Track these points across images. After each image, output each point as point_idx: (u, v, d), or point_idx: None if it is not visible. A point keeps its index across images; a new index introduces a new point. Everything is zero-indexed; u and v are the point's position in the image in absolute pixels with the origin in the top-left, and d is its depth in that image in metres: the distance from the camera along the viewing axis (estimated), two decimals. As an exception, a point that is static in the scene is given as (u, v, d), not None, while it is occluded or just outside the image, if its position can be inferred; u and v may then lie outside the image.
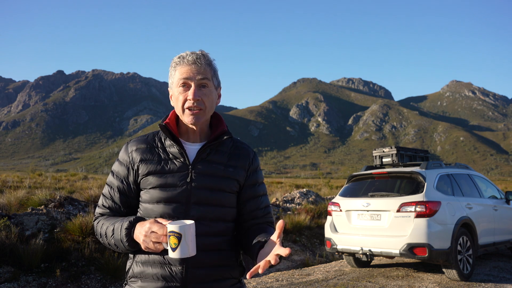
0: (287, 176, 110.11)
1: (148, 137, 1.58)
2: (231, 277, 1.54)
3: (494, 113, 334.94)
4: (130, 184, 1.53)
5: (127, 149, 1.56)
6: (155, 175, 1.49)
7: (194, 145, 1.57)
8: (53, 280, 4.93)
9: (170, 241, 1.29)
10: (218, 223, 1.51)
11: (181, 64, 1.51)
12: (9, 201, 7.33)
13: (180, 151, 1.52)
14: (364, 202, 5.98)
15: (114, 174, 1.56)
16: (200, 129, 1.58)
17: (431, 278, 5.80)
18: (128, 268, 1.53)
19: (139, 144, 1.56)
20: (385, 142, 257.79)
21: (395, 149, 7.03)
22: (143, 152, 1.53)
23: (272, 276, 6.26)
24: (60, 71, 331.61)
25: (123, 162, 1.55)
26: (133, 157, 1.53)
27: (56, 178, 18.86)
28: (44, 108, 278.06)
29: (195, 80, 1.49)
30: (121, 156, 1.57)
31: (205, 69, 1.51)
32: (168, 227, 1.30)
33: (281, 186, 22.44)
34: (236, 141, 1.66)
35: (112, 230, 1.45)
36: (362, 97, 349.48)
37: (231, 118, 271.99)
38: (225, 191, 1.54)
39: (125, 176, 1.53)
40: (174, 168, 1.50)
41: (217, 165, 1.54)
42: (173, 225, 1.29)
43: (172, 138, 1.52)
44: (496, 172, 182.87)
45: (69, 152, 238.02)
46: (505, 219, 7.01)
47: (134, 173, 1.52)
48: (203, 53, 1.54)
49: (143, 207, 1.51)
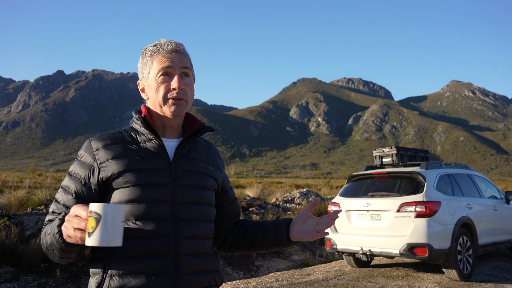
0: (287, 176, 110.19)
1: (115, 134, 1.40)
2: (215, 284, 1.43)
3: (494, 113, 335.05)
4: (91, 186, 1.31)
5: (90, 147, 1.35)
6: (133, 172, 1.30)
7: (171, 141, 1.43)
8: (53, 280, 4.93)
9: (88, 224, 1.06)
10: (205, 224, 1.41)
11: (159, 52, 1.38)
12: (9, 201, 7.34)
13: (160, 146, 1.37)
14: (364, 202, 5.98)
15: (72, 175, 1.35)
16: (178, 124, 1.46)
17: (431, 278, 5.80)
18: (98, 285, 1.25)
19: (106, 141, 1.36)
20: (385, 142, 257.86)
21: (395, 149, 7.03)
22: (114, 149, 1.34)
23: (272, 276, 6.26)
24: (60, 71, 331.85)
25: (85, 162, 1.34)
26: (99, 155, 1.33)
27: (56, 178, 18.87)
28: (44, 108, 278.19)
29: (178, 68, 1.38)
30: (81, 156, 1.36)
31: (186, 58, 1.42)
32: (89, 206, 1.08)
33: (281, 186, 22.46)
34: (205, 139, 1.59)
35: (49, 228, 1.23)
36: (362, 97, 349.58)
37: (231, 118, 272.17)
38: (208, 189, 1.45)
39: (85, 177, 1.32)
40: (155, 165, 1.34)
41: (198, 161, 1.45)
42: (94, 204, 1.07)
43: (151, 132, 1.37)
44: (496, 172, 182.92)
45: (69, 152, 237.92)
46: (505, 219, 7.01)
47: (99, 173, 1.32)
48: (181, 43, 1.43)
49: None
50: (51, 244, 1.21)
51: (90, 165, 1.33)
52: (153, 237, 1.27)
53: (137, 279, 1.24)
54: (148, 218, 1.28)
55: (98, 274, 1.27)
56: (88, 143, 1.37)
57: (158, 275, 1.25)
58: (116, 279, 1.24)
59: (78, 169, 1.35)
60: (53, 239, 1.19)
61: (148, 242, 1.27)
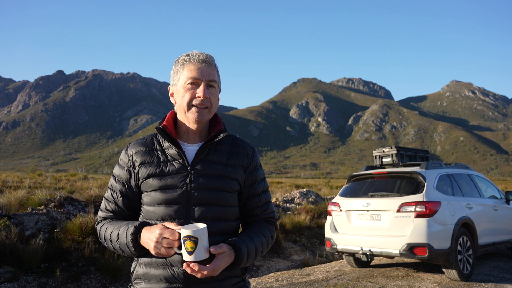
0: (287, 176, 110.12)
1: (147, 140, 1.59)
2: (234, 276, 1.54)
3: (494, 113, 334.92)
4: (132, 187, 1.54)
5: (127, 152, 1.58)
6: (155, 177, 1.50)
7: (193, 145, 1.57)
8: (53, 280, 4.93)
9: (186, 245, 1.31)
10: (219, 223, 1.51)
11: (190, 62, 1.52)
12: (9, 201, 7.33)
13: (178, 153, 1.53)
14: (364, 202, 5.98)
15: (116, 178, 1.58)
16: (200, 129, 1.58)
17: (431, 278, 5.80)
18: (133, 270, 1.55)
19: (138, 147, 1.57)
20: (385, 142, 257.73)
21: (395, 149, 7.03)
22: (142, 155, 1.54)
23: (272, 276, 6.26)
24: (60, 71, 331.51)
25: (124, 166, 1.57)
26: (133, 160, 1.55)
27: (56, 178, 18.87)
28: (44, 108, 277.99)
29: (205, 79, 1.51)
30: (121, 160, 1.59)
31: (213, 70, 1.54)
32: (182, 232, 1.32)
33: (281, 186, 22.45)
34: (235, 138, 1.65)
35: (117, 235, 1.46)
36: (362, 97, 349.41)
37: (231, 118, 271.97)
38: (225, 190, 1.54)
39: (127, 179, 1.55)
40: (173, 170, 1.50)
41: (216, 165, 1.54)
42: (188, 230, 1.31)
43: (170, 140, 1.53)
44: (496, 172, 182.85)
45: (69, 152, 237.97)
46: (505, 219, 7.01)
47: (135, 176, 1.54)
48: (211, 55, 1.56)
49: (145, 210, 1.53)
50: (121, 248, 1.46)
51: (128, 169, 1.55)
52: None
53: (156, 269, 1.47)
54: (165, 219, 1.48)
55: (135, 261, 1.56)
56: (126, 149, 1.60)
57: (172, 267, 1.46)
58: (143, 267, 1.51)
59: (120, 172, 1.58)
60: (125, 247, 1.44)
61: None
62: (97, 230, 1.57)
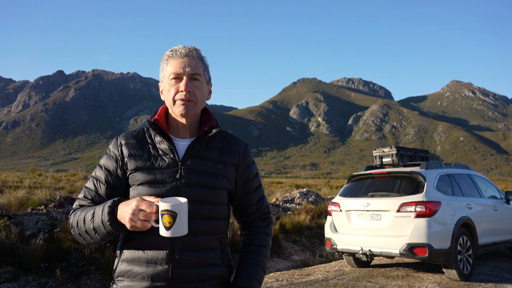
0: (287, 176, 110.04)
1: (139, 133, 1.57)
2: (218, 277, 1.50)
3: (494, 113, 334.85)
4: (119, 177, 1.49)
5: (117, 142, 1.54)
6: (143, 171, 1.46)
7: (183, 141, 1.54)
8: (53, 280, 4.93)
9: (163, 219, 1.24)
10: (208, 221, 1.48)
11: (173, 57, 1.51)
12: (9, 201, 7.33)
13: (170, 147, 1.50)
14: (364, 202, 5.98)
15: (102, 167, 1.52)
16: (190, 124, 1.55)
17: (431, 278, 5.80)
18: (115, 267, 1.50)
19: (129, 139, 1.54)
20: (385, 142, 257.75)
21: (395, 149, 7.03)
22: (133, 147, 1.51)
23: (272, 276, 6.26)
24: (60, 71, 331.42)
25: (112, 156, 1.53)
26: (122, 151, 1.51)
27: (56, 178, 18.86)
28: (44, 108, 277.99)
29: (187, 72, 1.49)
30: (110, 150, 1.55)
31: (197, 62, 1.51)
32: (160, 205, 1.25)
33: (281, 186, 22.45)
34: (227, 135, 1.63)
35: (92, 213, 1.38)
36: (362, 97, 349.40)
37: (231, 118, 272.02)
38: (215, 188, 1.51)
39: (113, 169, 1.50)
40: (164, 165, 1.47)
41: (207, 161, 1.51)
42: (167, 203, 1.24)
43: (161, 134, 1.50)
44: (496, 172, 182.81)
45: (69, 152, 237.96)
46: (505, 219, 7.01)
47: (123, 167, 1.50)
48: (195, 48, 1.53)
49: None
50: (95, 228, 1.36)
51: (117, 158, 1.51)
52: (152, 231, 1.35)
53: (140, 267, 1.42)
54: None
55: (116, 258, 1.51)
56: (116, 139, 1.56)
57: (154, 266, 1.41)
58: (125, 264, 1.46)
59: (107, 161, 1.53)
60: (100, 224, 1.34)
61: (148, 235, 1.41)
62: (69, 220, 1.48)
